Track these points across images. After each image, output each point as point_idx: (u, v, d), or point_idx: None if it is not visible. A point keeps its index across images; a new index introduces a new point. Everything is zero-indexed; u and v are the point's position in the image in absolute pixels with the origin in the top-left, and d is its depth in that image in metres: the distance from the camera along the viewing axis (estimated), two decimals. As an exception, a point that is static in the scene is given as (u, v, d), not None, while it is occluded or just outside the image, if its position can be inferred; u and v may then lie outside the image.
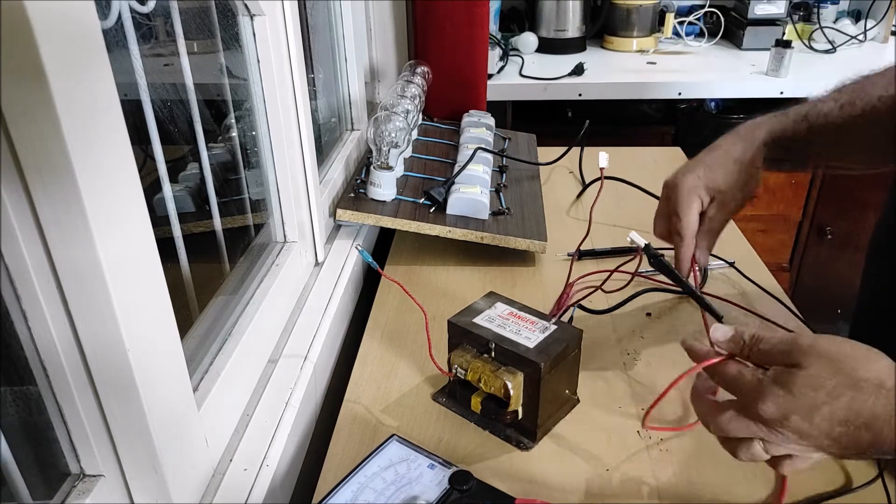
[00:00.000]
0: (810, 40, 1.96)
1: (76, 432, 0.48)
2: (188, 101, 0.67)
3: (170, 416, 0.52)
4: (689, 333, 0.83)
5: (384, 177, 1.01)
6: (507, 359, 0.65)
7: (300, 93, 0.82)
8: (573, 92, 1.70)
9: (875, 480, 0.62)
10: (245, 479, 0.60)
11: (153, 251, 0.49)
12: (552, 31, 1.94)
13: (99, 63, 0.43)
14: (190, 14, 0.68)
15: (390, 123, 1.01)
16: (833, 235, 1.85)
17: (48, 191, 0.40)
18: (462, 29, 1.40)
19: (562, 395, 0.70)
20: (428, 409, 0.72)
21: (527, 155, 1.31)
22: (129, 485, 0.50)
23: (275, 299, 0.78)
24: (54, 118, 0.38)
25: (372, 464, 0.60)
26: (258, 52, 0.78)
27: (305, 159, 0.85)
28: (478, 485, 0.57)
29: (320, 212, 0.92)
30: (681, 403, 0.72)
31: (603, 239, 1.03)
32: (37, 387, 0.46)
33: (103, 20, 0.49)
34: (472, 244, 0.99)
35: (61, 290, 0.43)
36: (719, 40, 2.00)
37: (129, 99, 0.54)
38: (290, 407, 0.68)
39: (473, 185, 1.03)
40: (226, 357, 0.65)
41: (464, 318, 0.70)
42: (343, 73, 1.25)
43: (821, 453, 0.49)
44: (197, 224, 0.72)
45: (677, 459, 0.65)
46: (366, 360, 0.80)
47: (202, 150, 0.70)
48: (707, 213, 0.76)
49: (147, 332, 0.48)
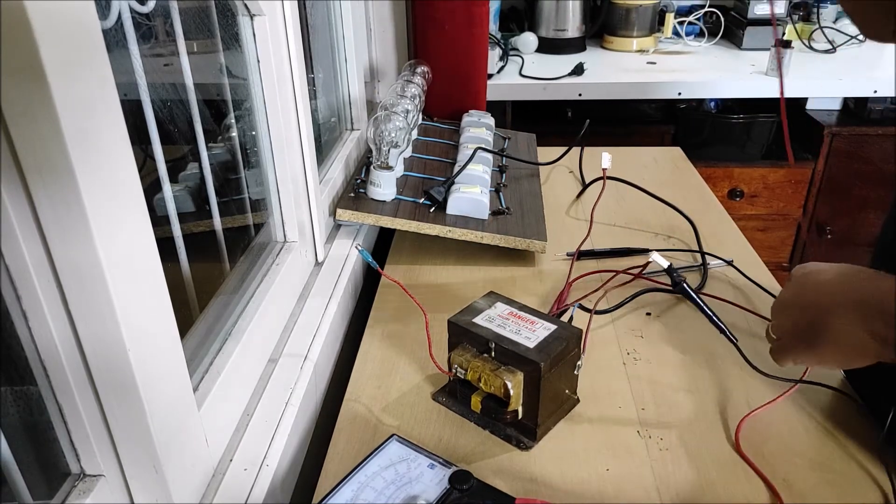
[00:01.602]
0: (810, 40, 1.96)
1: (76, 432, 0.48)
2: (188, 101, 0.67)
3: (170, 416, 0.52)
4: (688, 333, 0.83)
5: (384, 176, 1.01)
6: (507, 358, 0.65)
7: (300, 93, 0.82)
8: (573, 92, 1.70)
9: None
10: (245, 479, 0.60)
11: (153, 251, 0.49)
12: (552, 30, 1.94)
13: (99, 63, 0.43)
14: (190, 14, 0.68)
15: (390, 123, 1.01)
16: (833, 234, 1.85)
17: (48, 191, 0.40)
18: (462, 29, 1.40)
19: (562, 395, 0.70)
20: (428, 408, 0.72)
21: (527, 155, 1.31)
22: (130, 484, 0.50)
23: (275, 299, 0.78)
24: (54, 118, 0.38)
25: (372, 463, 0.60)
26: (258, 52, 0.78)
27: (305, 159, 0.85)
28: (478, 484, 0.57)
29: (320, 211, 0.92)
30: (682, 401, 0.72)
31: (603, 239, 1.03)
32: (37, 387, 0.46)
33: (103, 20, 0.50)
34: (472, 244, 0.99)
35: (61, 290, 0.43)
36: (719, 40, 1.99)
37: (129, 99, 0.54)
38: (290, 407, 0.68)
39: (473, 185, 1.03)
40: (226, 357, 0.65)
41: (464, 317, 0.70)
42: (343, 73, 1.25)
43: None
44: (197, 224, 0.72)
45: (677, 459, 0.65)
46: (366, 360, 0.80)
47: (202, 150, 0.70)
48: None
49: (147, 331, 0.48)
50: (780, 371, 0.72)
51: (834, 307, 0.56)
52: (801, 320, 0.59)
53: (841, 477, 0.63)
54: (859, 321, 0.54)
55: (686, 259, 0.99)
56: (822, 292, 0.58)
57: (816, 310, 0.58)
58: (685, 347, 0.81)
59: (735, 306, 0.87)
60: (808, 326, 0.58)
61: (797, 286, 0.62)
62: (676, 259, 0.99)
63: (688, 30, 2.00)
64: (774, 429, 0.68)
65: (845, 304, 0.55)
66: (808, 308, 0.59)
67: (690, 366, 0.78)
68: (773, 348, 0.64)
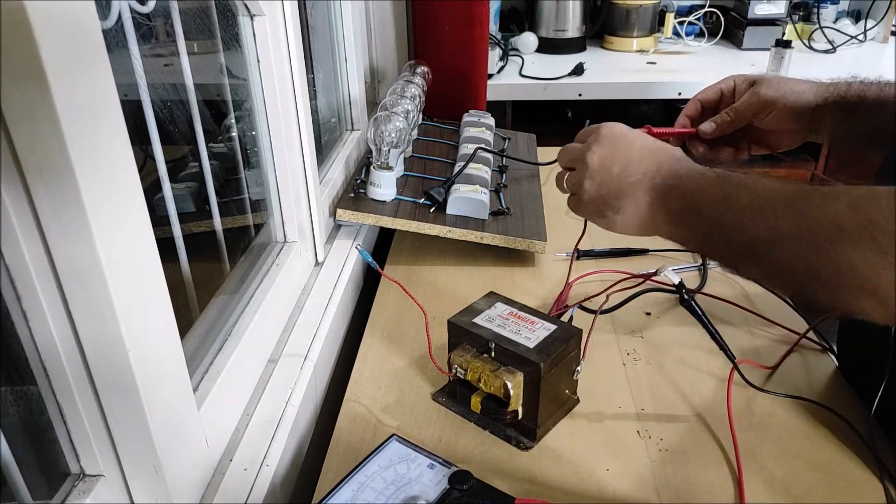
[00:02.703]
0: (810, 40, 1.96)
1: (76, 432, 0.48)
2: (188, 101, 0.67)
3: (170, 416, 0.52)
4: (688, 333, 0.83)
5: (384, 177, 1.01)
6: (507, 359, 0.65)
7: (300, 93, 0.82)
8: (573, 92, 1.70)
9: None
10: (245, 479, 0.60)
11: (153, 251, 0.49)
12: (552, 31, 1.94)
13: (99, 63, 0.43)
14: (190, 14, 0.68)
15: (390, 123, 1.01)
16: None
17: (48, 191, 0.40)
18: (462, 29, 1.40)
19: (562, 395, 0.70)
20: (428, 408, 0.72)
21: (527, 155, 1.31)
22: (129, 484, 0.50)
23: (275, 299, 0.78)
24: (54, 118, 0.38)
25: (372, 463, 0.60)
26: (258, 52, 0.78)
27: (305, 159, 0.85)
28: (477, 484, 0.57)
29: (320, 212, 0.92)
30: (681, 401, 0.72)
31: (602, 239, 1.03)
32: (37, 386, 0.46)
33: (103, 20, 0.49)
34: (472, 244, 0.99)
35: (62, 289, 0.43)
36: (719, 40, 2.00)
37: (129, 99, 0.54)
38: (290, 407, 0.68)
39: (473, 185, 1.03)
40: (226, 357, 0.65)
41: (464, 318, 0.70)
42: (343, 73, 1.25)
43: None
44: (197, 224, 0.72)
45: (677, 459, 0.65)
46: (366, 360, 0.80)
47: (202, 150, 0.70)
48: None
49: (147, 332, 0.48)
50: (776, 388, 0.73)
51: (638, 184, 0.60)
52: (604, 188, 0.62)
53: (840, 478, 0.63)
54: (659, 200, 0.59)
55: (686, 259, 0.99)
56: (631, 164, 0.61)
57: (622, 182, 0.61)
58: (685, 347, 0.81)
59: (735, 306, 0.87)
60: (609, 195, 0.62)
61: (607, 150, 0.63)
62: (676, 259, 0.99)
63: (688, 30, 2.00)
64: (773, 430, 0.69)
65: (649, 182, 0.60)
66: (615, 177, 0.62)
67: (690, 366, 0.78)
68: (570, 202, 0.67)
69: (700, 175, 0.57)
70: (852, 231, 0.45)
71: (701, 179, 0.57)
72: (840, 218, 0.46)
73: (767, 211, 0.50)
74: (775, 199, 0.51)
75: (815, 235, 0.47)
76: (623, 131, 0.64)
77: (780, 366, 0.77)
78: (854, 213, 0.45)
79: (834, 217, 0.46)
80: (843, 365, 0.77)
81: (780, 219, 0.49)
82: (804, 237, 0.48)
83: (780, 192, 0.51)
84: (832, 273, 0.46)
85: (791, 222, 0.49)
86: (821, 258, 0.46)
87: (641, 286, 0.89)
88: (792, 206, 0.49)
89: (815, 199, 0.48)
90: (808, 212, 0.48)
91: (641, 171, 0.60)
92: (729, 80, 0.80)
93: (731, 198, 0.54)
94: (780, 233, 0.49)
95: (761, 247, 0.51)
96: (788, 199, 0.50)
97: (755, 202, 0.52)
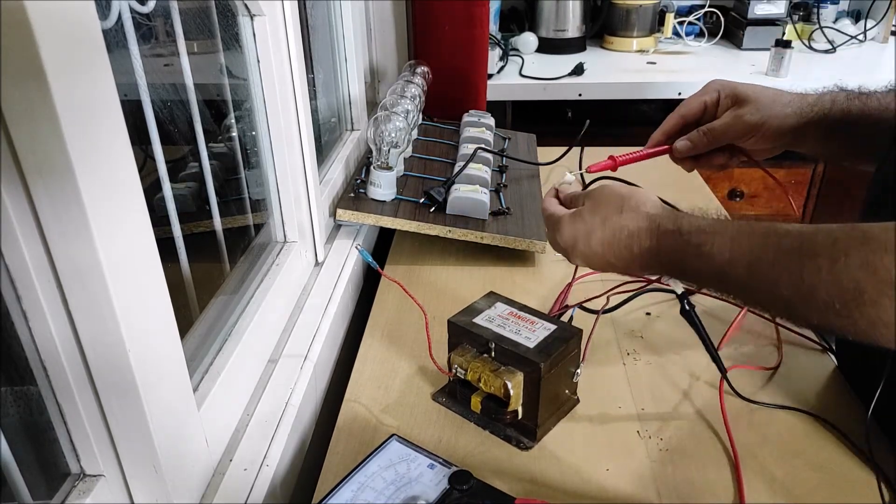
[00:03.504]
0: (810, 40, 1.96)
1: (76, 432, 0.48)
2: (188, 101, 0.67)
3: (170, 416, 0.52)
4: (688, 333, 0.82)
5: (384, 177, 1.01)
6: (507, 359, 0.65)
7: (300, 93, 0.82)
8: (573, 92, 1.70)
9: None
10: (245, 479, 0.60)
11: (153, 251, 0.49)
12: (552, 31, 1.94)
13: (99, 63, 0.43)
14: (190, 14, 0.68)
15: (390, 123, 1.01)
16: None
17: (48, 191, 0.40)
18: (462, 29, 1.40)
19: (562, 395, 0.70)
20: (428, 408, 0.72)
21: (527, 155, 1.31)
22: (129, 485, 0.50)
23: (275, 299, 0.78)
24: (54, 118, 0.38)
25: (372, 463, 0.60)
26: (258, 52, 0.78)
27: (305, 159, 0.85)
28: (478, 485, 0.57)
29: (320, 212, 0.92)
30: (682, 401, 0.72)
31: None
32: (37, 387, 0.46)
33: (103, 20, 0.49)
34: (472, 244, 0.99)
35: (62, 290, 0.43)
36: (719, 40, 1.99)
37: (129, 99, 0.54)
38: (290, 407, 0.68)
39: (473, 185, 1.03)
40: (226, 357, 0.65)
41: (464, 317, 0.70)
42: (343, 73, 1.25)
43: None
44: (197, 224, 0.72)
45: (677, 459, 0.65)
46: (366, 360, 0.80)
47: (202, 150, 0.70)
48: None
49: (147, 332, 0.48)
50: (768, 398, 0.72)
51: (595, 228, 0.63)
52: (593, 260, 0.64)
53: (840, 478, 0.63)
54: (653, 260, 0.60)
55: (686, 259, 0.99)
56: (607, 248, 0.63)
57: (606, 257, 0.63)
58: (685, 347, 0.81)
59: (735, 306, 0.87)
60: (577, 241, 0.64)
61: (582, 244, 0.64)
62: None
63: (688, 30, 2.00)
64: (773, 430, 0.69)
65: (601, 229, 0.62)
66: (599, 255, 0.63)
67: (690, 366, 0.78)
68: (550, 241, 0.70)
69: (684, 247, 0.57)
70: (872, 295, 0.43)
71: (684, 254, 0.57)
72: (860, 283, 0.44)
73: (771, 278, 0.49)
74: (776, 261, 0.49)
75: (832, 300, 0.45)
76: (587, 227, 0.63)
77: (779, 366, 0.77)
78: (869, 275, 0.44)
79: (851, 284, 0.44)
80: (843, 365, 0.77)
81: (787, 288, 0.48)
82: (819, 301, 0.46)
83: (780, 260, 0.49)
84: (851, 326, 0.45)
85: (802, 292, 0.47)
86: (841, 318, 0.45)
87: (642, 286, 0.89)
88: (796, 274, 0.48)
89: (822, 263, 0.46)
90: (818, 278, 0.46)
91: (621, 250, 0.61)
92: (713, 91, 0.77)
93: (726, 276, 0.53)
94: (790, 302, 0.49)
95: (772, 308, 0.54)
96: (790, 267, 0.48)
97: (754, 270, 0.51)
